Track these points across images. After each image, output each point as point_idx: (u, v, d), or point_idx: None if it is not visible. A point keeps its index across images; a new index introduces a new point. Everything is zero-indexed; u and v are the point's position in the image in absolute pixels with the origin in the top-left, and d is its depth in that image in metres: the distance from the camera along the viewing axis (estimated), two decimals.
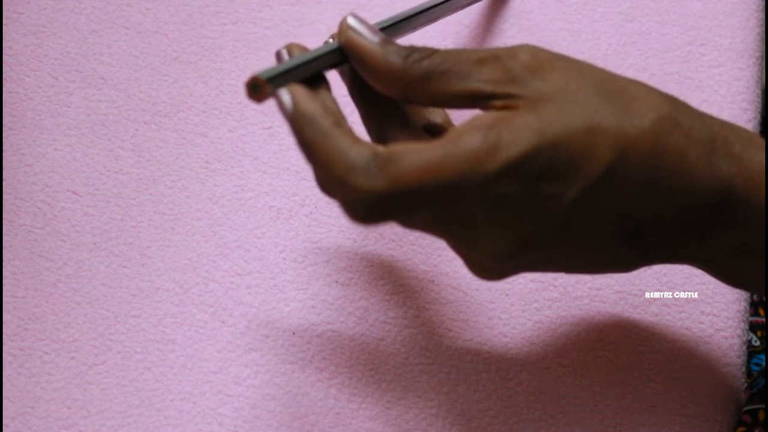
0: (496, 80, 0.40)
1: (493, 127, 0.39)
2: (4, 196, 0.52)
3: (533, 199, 0.39)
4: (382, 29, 0.44)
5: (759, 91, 0.56)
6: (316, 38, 0.57)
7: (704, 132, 0.41)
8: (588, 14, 0.57)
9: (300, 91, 0.40)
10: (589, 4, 0.58)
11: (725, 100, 0.55)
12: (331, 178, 0.39)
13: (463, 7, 0.50)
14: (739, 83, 0.56)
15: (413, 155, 0.38)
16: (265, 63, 0.56)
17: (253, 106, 0.55)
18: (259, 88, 0.40)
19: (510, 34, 0.57)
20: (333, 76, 0.56)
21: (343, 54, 0.42)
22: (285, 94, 0.40)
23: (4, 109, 0.54)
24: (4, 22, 0.56)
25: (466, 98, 0.41)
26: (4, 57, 0.56)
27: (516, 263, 0.41)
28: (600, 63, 0.56)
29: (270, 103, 0.55)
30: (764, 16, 0.58)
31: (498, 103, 0.40)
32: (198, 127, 0.54)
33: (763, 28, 0.58)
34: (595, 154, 0.39)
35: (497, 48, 0.41)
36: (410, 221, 0.40)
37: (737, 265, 0.42)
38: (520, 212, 0.39)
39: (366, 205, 0.38)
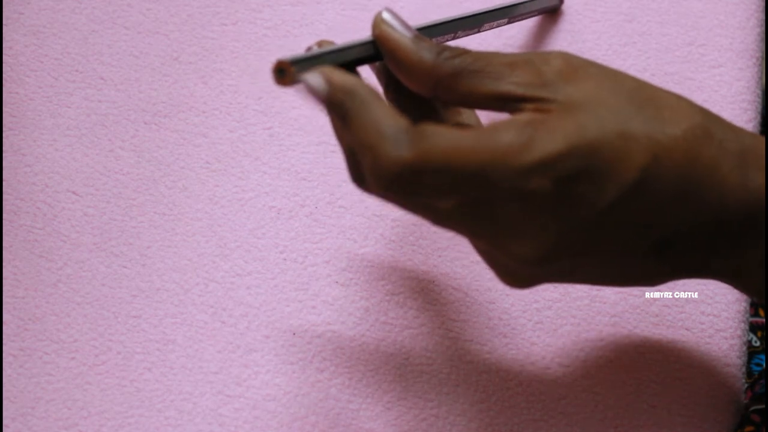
0: (528, 83, 0.40)
1: (528, 125, 0.38)
2: (4, 196, 0.52)
3: (566, 202, 0.38)
4: (420, 30, 0.44)
5: (759, 92, 0.56)
6: (316, 39, 0.57)
7: (736, 143, 0.40)
8: (588, 14, 0.57)
9: (331, 69, 0.40)
10: (590, 5, 0.58)
11: (725, 101, 0.55)
12: (362, 144, 0.39)
13: (509, 21, 0.50)
14: (739, 83, 0.56)
15: (446, 135, 0.38)
16: (265, 63, 0.56)
17: (253, 106, 0.55)
18: (284, 72, 0.40)
19: (510, 34, 0.57)
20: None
21: (375, 48, 0.42)
22: (314, 76, 0.40)
23: (4, 109, 0.54)
24: (4, 22, 0.56)
25: (497, 100, 0.40)
26: (4, 57, 0.56)
27: (545, 271, 0.40)
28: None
29: (270, 103, 0.55)
30: (764, 16, 0.58)
31: (529, 106, 0.40)
32: (198, 127, 0.54)
33: (763, 28, 0.58)
34: (629, 160, 0.38)
35: (530, 52, 0.41)
36: (438, 210, 0.40)
37: (765, 278, 0.41)
38: (552, 214, 0.39)
39: (388, 173, 0.38)
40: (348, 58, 0.41)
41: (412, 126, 0.39)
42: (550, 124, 0.38)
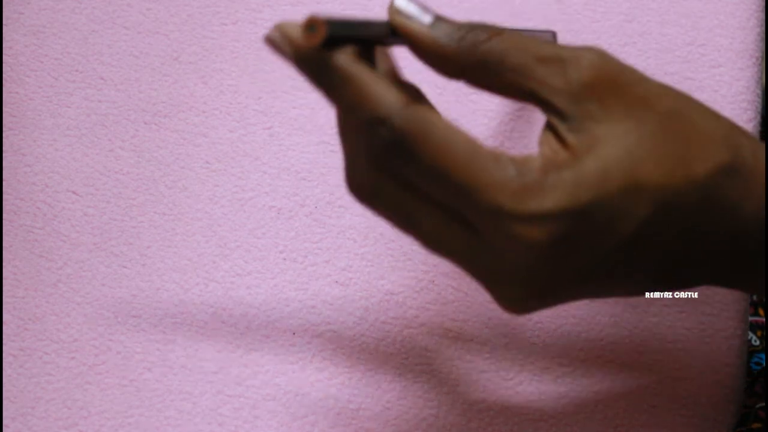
0: (552, 87, 0.37)
1: (534, 171, 0.36)
2: (4, 196, 0.52)
3: (554, 252, 0.37)
4: None
5: (759, 92, 0.56)
6: None
7: (762, 173, 0.38)
8: (588, 14, 0.57)
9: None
10: (590, 5, 0.58)
11: (725, 101, 0.55)
12: (359, 119, 0.37)
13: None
14: (739, 83, 0.56)
15: (443, 129, 0.36)
16: (265, 63, 0.56)
17: (253, 106, 0.54)
18: (315, 29, 0.37)
19: None
20: None
21: None
22: (276, 33, 0.37)
23: (4, 109, 0.54)
24: (4, 22, 0.56)
25: (520, 93, 0.38)
26: (4, 57, 0.56)
27: (538, 304, 0.39)
28: None
29: (270, 103, 0.55)
30: (764, 16, 0.58)
31: (550, 116, 0.38)
32: (198, 127, 0.54)
33: (763, 28, 0.58)
34: (631, 214, 0.36)
35: (563, 48, 0.38)
36: (423, 223, 0.38)
37: (765, 278, 0.40)
38: (539, 259, 0.37)
39: (382, 138, 0.36)
40: (378, 32, 0.39)
41: (417, 105, 0.36)
42: (551, 178, 0.36)
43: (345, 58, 0.37)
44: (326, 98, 0.38)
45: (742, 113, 0.55)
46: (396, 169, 0.37)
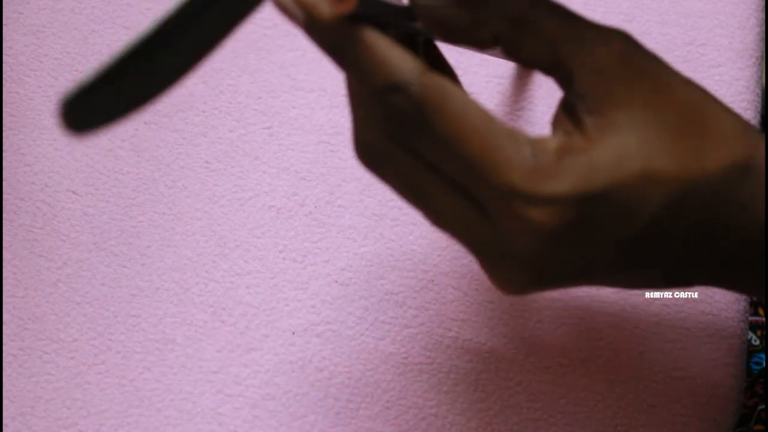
0: (578, 62, 0.37)
1: (549, 153, 0.36)
2: (4, 196, 0.52)
3: (562, 239, 0.36)
4: None
5: (759, 91, 0.56)
6: None
7: None
8: (588, 14, 0.57)
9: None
10: (589, 5, 0.58)
11: (725, 101, 0.55)
12: (373, 86, 0.36)
13: None
14: (738, 83, 0.56)
15: (460, 101, 0.35)
16: (264, 63, 0.56)
17: (252, 105, 0.55)
18: None
19: None
20: None
21: None
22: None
23: (4, 109, 0.54)
24: (4, 22, 0.56)
25: (546, 62, 0.37)
26: (4, 57, 0.56)
27: (537, 287, 0.38)
28: None
29: (270, 103, 0.55)
30: (764, 16, 0.58)
31: (569, 93, 0.37)
32: (198, 127, 0.54)
33: (763, 28, 0.58)
34: (645, 205, 0.36)
35: (592, 23, 0.38)
36: (429, 193, 0.38)
37: (765, 278, 0.39)
38: (545, 244, 0.36)
39: (393, 101, 0.35)
40: (400, 16, 0.38)
41: (435, 74, 0.36)
42: (566, 162, 0.36)
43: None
44: (338, 65, 0.37)
45: (742, 113, 0.55)
46: (408, 139, 0.37)
